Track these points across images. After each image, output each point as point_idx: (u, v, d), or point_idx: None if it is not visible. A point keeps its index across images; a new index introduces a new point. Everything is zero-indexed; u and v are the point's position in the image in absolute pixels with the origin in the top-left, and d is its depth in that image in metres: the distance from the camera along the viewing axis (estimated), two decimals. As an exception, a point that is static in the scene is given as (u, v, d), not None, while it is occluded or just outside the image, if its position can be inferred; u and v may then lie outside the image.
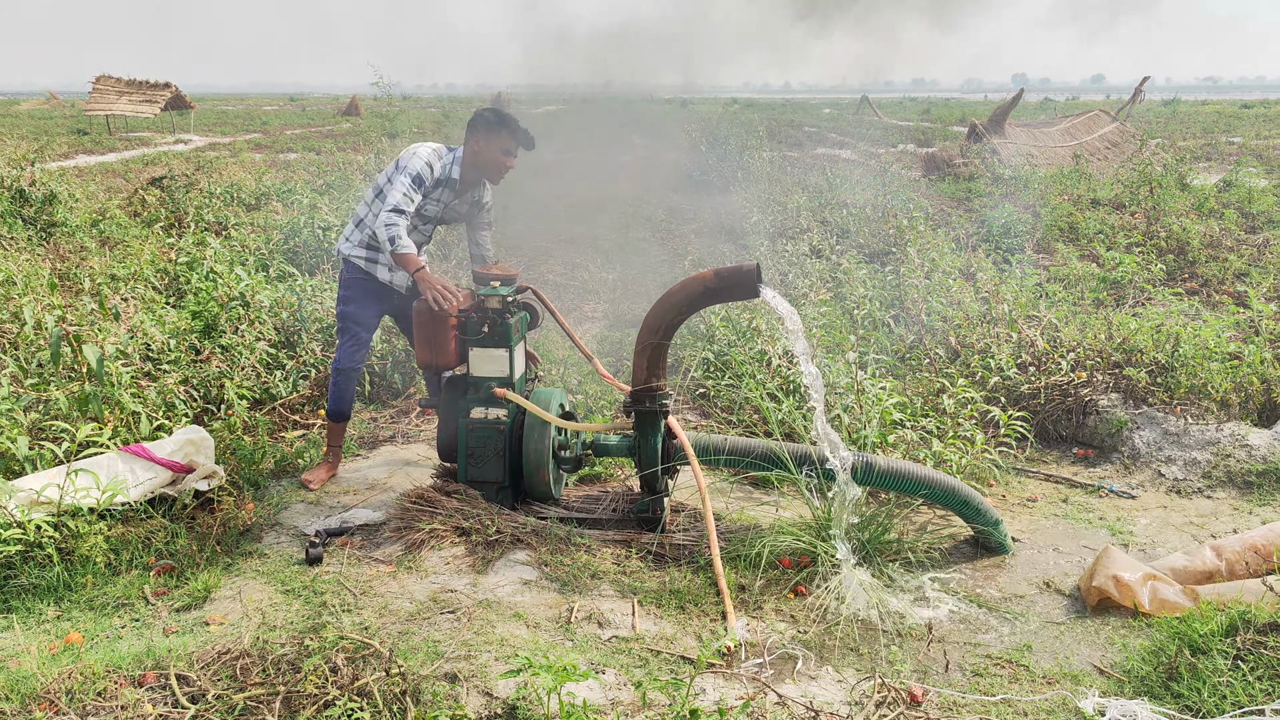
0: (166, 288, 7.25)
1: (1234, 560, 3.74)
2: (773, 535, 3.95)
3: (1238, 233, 10.23)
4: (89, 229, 9.61)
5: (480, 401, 4.30)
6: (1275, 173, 16.04)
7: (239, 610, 3.52)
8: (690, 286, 3.98)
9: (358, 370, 4.82)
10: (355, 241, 4.69)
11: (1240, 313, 6.70)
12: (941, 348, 6.20)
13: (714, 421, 5.59)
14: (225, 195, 11.61)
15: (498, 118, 4.56)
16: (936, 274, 7.38)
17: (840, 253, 8.93)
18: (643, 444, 4.15)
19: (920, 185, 15.29)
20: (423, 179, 4.48)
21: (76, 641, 3.27)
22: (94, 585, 3.67)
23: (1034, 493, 4.88)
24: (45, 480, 3.85)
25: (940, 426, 5.01)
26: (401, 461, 5.14)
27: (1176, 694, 2.97)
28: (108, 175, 16.89)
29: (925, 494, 4.08)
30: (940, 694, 3.10)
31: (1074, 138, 19.63)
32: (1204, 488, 4.84)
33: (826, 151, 25.47)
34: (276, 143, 28.35)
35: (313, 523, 4.33)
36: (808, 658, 3.35)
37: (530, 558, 3.93)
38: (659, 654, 3.31)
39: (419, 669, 3.00)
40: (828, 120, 45.43)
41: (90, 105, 32.17)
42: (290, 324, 6.31)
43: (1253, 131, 29.40)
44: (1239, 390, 5.44)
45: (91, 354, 4.37)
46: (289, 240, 8.69)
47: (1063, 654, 3.38)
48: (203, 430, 4.40)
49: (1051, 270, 8.61)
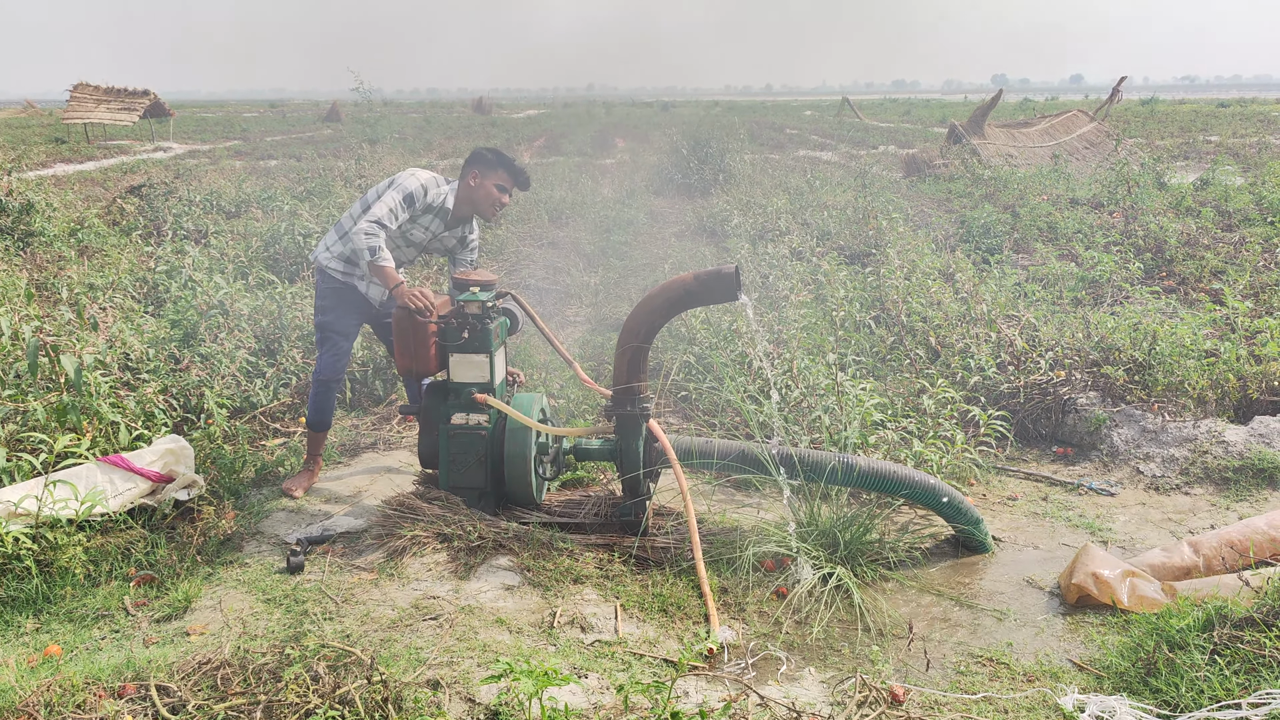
0: (145, 296, 7.22)
1: (1211, 556, 3.77)
2: (755, 537, 3.97)
3: (1214, 231, 10.32)
4: (67, 238, 9.55)
5: (461, 407, 4.30)
6: (1251, 171, 16.18)
7: (220, 620, 3.50)
8: (671, 290, 3.99)
9: (339, 380, 4.81)
10: (335, 253, 4.68)
11: (1217, 310, 6.75)
12: (921, 348, 6.23)
13: (695, 424, 5.60)
14: (205, 203, 11.56)
15: (496, 157, 4.63)
16: (916, 275, 7.42)
17: (821, 254, 8.96)
18: (624, 448, 4.16)
19: (901, 186, 15.36)
20: (414, 199, 4.50)
21: (56, 653, 3.25)
22: (73, 597, 3.65)
23: (1014, 491, 4.91)
24: (23, 492, 3.82)
25: (921, 426, 5.04)
26: (383, 468, 5.13)
27: (1155, 689, 2.99)
28: (86, 184, 16.79)
29: (906, 494, 4.10)
30: (922, 693, 3.12)
31: (1053, 138, 19.75)
32: (1182, 484, 4.88)
33: (808, 153, 25.58)
34: (257, 149, 28.24)
35: (294, 531, 4.32)
36: (790, 659, 3.36)
37: (513, 563, 3.93)
38: (642, 657, 3.32)
39: (401, 676, 2.99)
40: (809, 122, 45.63)
41: (68, 113, 31.94)
42: (270, 331, 6.28)
43: (1229, 130, 29.68)
44: (1215, 387, 5.49)
45: (69, 364, 4.34)
46: (269, 247, 8.66)
47: (1043, 651, 3.40)
48: (182, 439, 4.38)
49: (1030, 270, 8.66)
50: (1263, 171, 14.76)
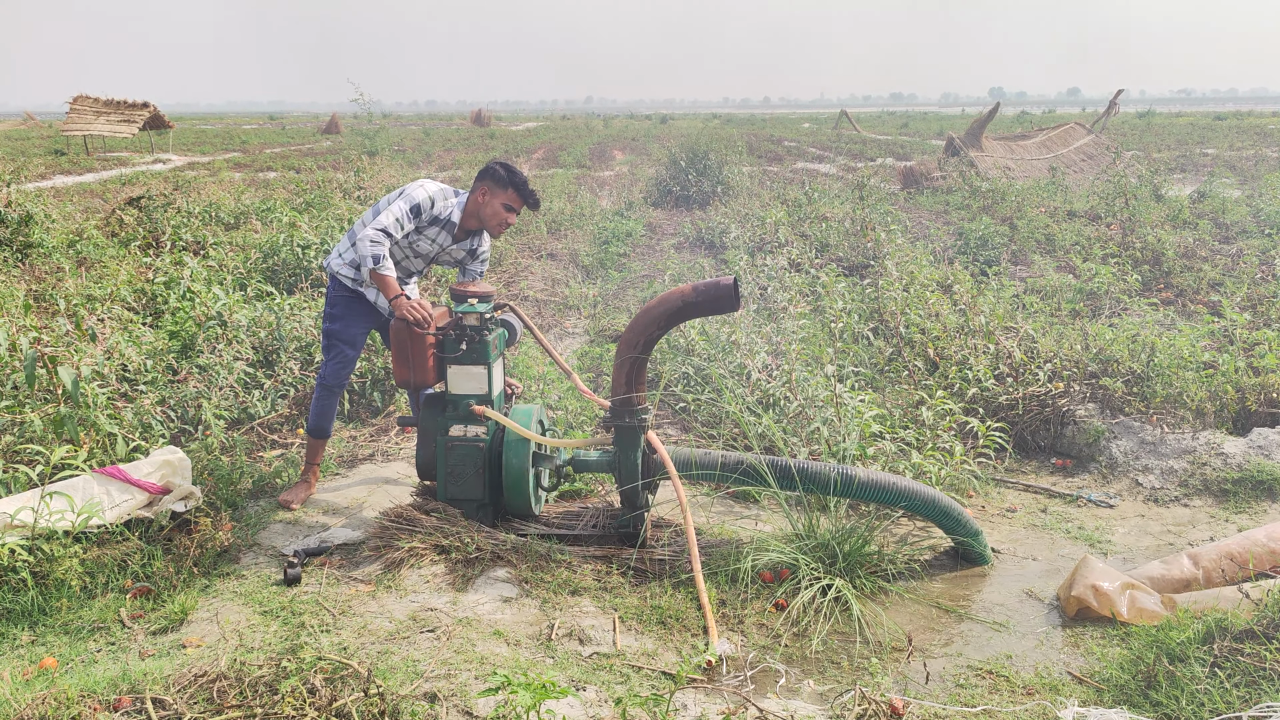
0: (143, 308, 7.21)
1: (1211, 568, 3.76)
2: (754, 549, 3.96)
3: (1212, 243, 10.35)
4: (65, 249, 9.54)
5: (459, 419, 4.29)
6: (1248, 183, 16.23)
7: (216, 632, 3.49)
8: (669, 301, 3.99)
9: (342, 386, 4.80)
10: (347, 260, 4.67)
11: (1215, 322, 6.77)
12: (920, 360, 6.23)
13: (694, 436, 5.60)
14: (204, 214, 11.56)
15: (508, 173, 4.54)
16: (915, 286, 7.42)
17: (819, 266, 8.97)
18: (623, 459, 4.15)
19: (899, 198, 15.40)
20: (421, 209, 4.49)
21: (51, 666, 3.23)
22: (69, 609, 3.63)
23: (1013, 503, 4.90)
24: (19, 503, 3.80)
25: (919, 438, 5.03)
26: (381, 480, 5.12)
27: (1155, 702, 2.98)
28: (85, 195, 16.80)
29: (905, 506, 4.10)
30: (921, 705, 3.11)
31: (1050, 150, 19.82)
32: (1181, 496, 4.88)
33: (806, 166, 25.65)
34: (256, 161, 28.29)
35: (291, 542, 4.30)
36: (789, 671, 3.35)
37: (510, 575, 3.92)
38: (640, 670, 3.30)
39: (398, 689, 2.98)
40: (807, 134, 45.76)
41: (68, 125, 31.96)
42: (268, 343, 6.27)
43: (1226, 143, 29.80)
44: (1214, 399, 5.50)
45: (67, 375, 4.33)
46: (268, 259, 8.66)
47: (1042, 663, 3.39)
48: (180, 451, 4.37)
49: (1028, 281, 8.68)
50: (1259, 184, 14.81)
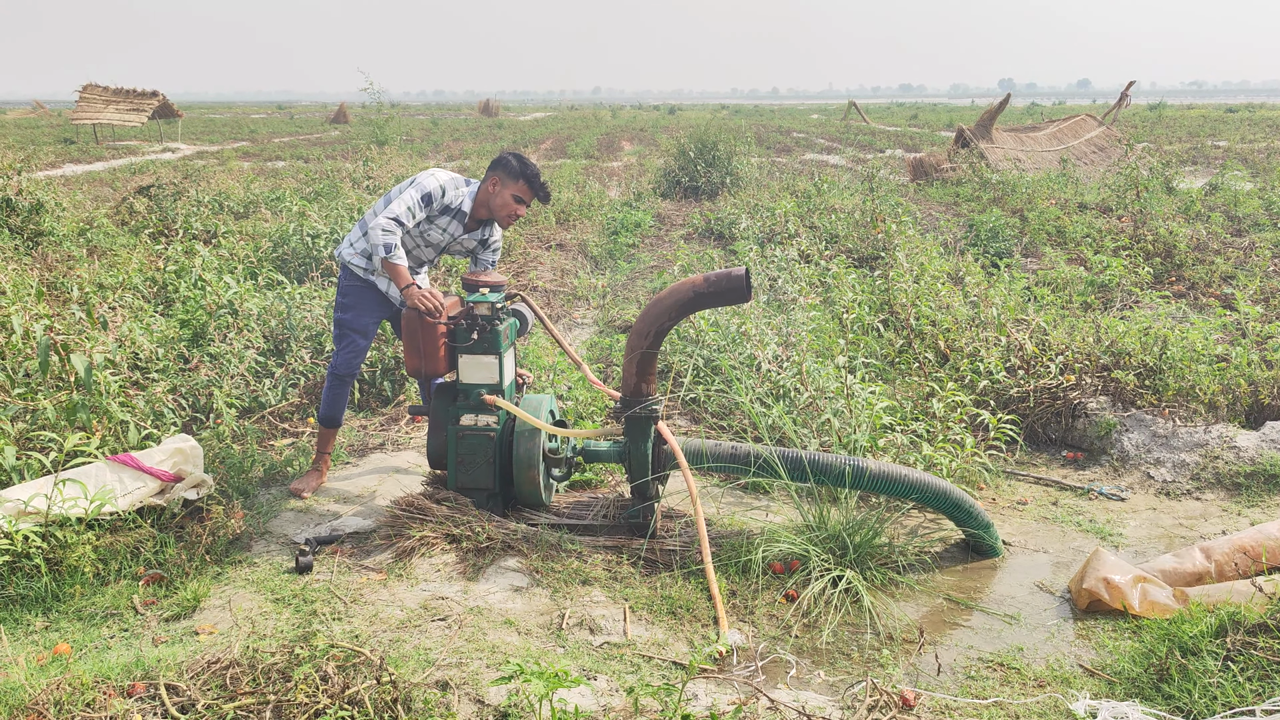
0: (155, 296, 7.22)
1: (1223, 562, 3.75)
2: (764, 540, 3.95)
3: (1224, 236, 10.30)
4: (76, 238, 9.57)
5: (470, 408, 4.30)
6: (1260, 176, 16.14)
7: (229, 619, 3.50)
8: (680, 292, 3.98)
9: (353, 375, 4.81)
10: (359, 249, 4.67)
11: (1227, 315, 6.73)
12: (931, 351, 6.22)
13: (705, 427, 5.59)
14: (213, 203, 11.58)
15: (520, 165, 4.54)
16: (925, 278, 7.40)
17: (829, 257, 8.95)
18: (633, 450, 4.15)
19: (908, 190, 15.34)
20: (432, 198, 4.49)
21: (65, 652, 3.25)
22: (82, 595, 3.65)
23: (1024, 495, 4.89)
24: (33, 490, 3.82)
25: (930, 430, 5.02)
26: (391, 469, 5.13)
27: (1167, 695, 2.98)
28: (95, 184, 16.84)
29: (916, 498, 4.09)
30: (932, 697, 3.11)
31: (1061, 142, 19.72)
32: (1193, 489, 4.86)
33: (815, 157, 25.58)
34: (265, 150, 28.31)
35: (302, 531, 4.32)
36: (800, 662, 3.35)
37: (521, 564, 3.92)
38: (651, 660, 3.31)
39: (410, 677, 2.99)
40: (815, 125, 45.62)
41: (77, 114, 32.02)
42: (279, 332, 6.29)
43: (1238, 135, 29.61)
44: (1226, 392, 5.47)
45: (79, 363, 4.34)
46: (278, 248, 8.67)
47: (1054, 656, 3.39)
48: (191, 439, 4.38)
49: (1039, 274, 8.64)
50: (1271, 177, 14.73)
